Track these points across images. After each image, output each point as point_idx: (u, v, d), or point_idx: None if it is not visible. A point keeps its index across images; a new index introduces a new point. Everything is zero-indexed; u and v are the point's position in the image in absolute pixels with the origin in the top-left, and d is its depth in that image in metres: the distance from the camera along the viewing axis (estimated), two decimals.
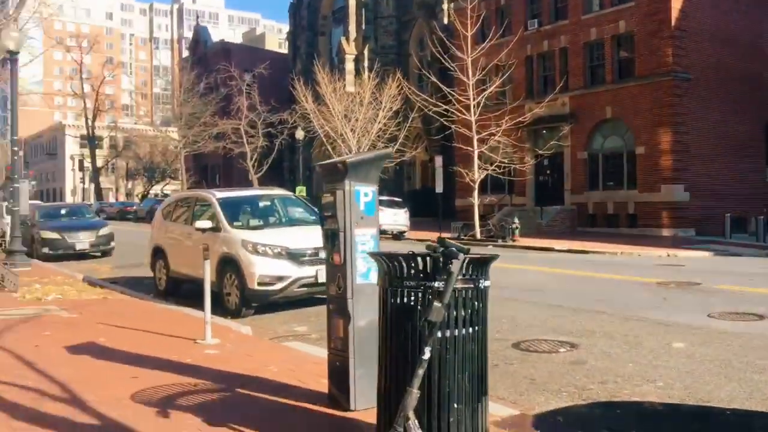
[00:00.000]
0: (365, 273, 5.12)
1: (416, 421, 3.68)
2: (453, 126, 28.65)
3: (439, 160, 29.35)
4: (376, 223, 5.23)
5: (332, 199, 5.13)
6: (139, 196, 73.30)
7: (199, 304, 10.23)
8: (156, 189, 72.87)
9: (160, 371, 6.34)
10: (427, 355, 3.70)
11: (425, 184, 45.28)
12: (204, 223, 10.57)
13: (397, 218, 28.82)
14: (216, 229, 10.50)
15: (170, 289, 11.90)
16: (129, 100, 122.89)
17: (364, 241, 5.13)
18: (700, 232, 28.10)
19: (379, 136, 34.68)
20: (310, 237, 10.29)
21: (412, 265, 3.94)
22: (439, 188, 29.30)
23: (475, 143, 27.46)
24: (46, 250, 19.15)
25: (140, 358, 6.86)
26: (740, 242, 25.67)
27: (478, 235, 27.42)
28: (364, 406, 5.07)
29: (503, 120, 27.80)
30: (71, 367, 6.51)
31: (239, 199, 11.45)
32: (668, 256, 21.48)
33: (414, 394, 3.67)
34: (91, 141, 67.72)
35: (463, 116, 27.55)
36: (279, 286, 9.65)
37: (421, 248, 4.01)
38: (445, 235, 28.29)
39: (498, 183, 32.60)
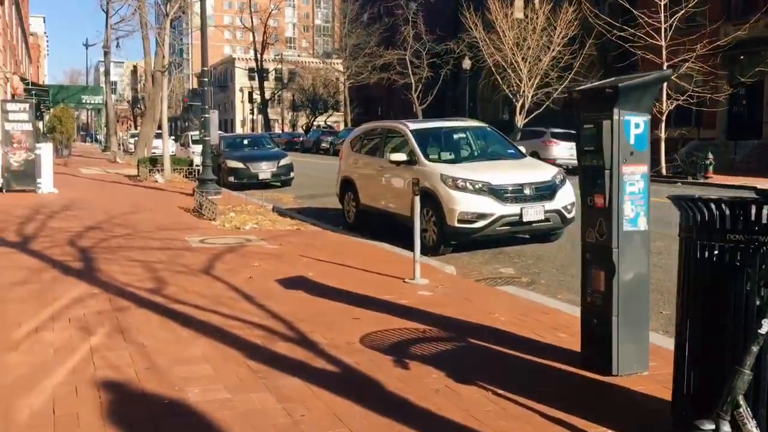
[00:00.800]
0: (633, 219, 4.37)
1: (748, 409, 2.97)
2: (639, 52, 26.31)
3: None
4: (647, 160, 4.43)
5: (595, 130, 4.38)
6: (303, 127, 75.48)
7: (391, 239, 10.00)
8: (319, 120, 74.65)
9: (379, 312, 6.01)
10: (765, 329, 2.94)
11: None
12: (398, 156, 10.16)
13: (573, 152, 27.19)
14: (411, 162, 10.06)
15: (359, 222, 11.72)
16: (292, 33, 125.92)
17: (633, 180, 4.37)
18: None
19: (552, 66, 32.85)
20: (513, 172, 9.64)
21: (740, 213, 3.15)
22: None
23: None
24: (231, 178, 19.85)
25: (353, 297, 6.59)
26: None
27: (664, 171, 25.42)
28: (627, 371, 4.40)
29: (698, 45, 25.14)
30: (289, 302, 6.35)
31: (433, 130, 10.90)
32: None
33: (746, 375, 2.94)
34: (259, 73, 70.16)
35: (652, 41, 25.19)
36: (481, 224, 9.08)
37: None
38: None
39: (683, 114, 29.86)
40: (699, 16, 26.74)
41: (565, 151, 27.69)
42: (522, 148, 11.02)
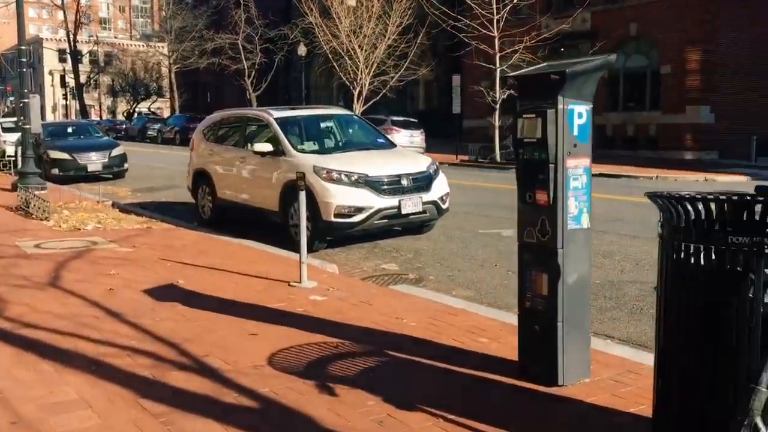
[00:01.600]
0: (577, 216, 4.06)
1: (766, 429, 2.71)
2: (473, 42, 27.04)
3: (457, 80, 27.95)
4: (590, 153, 4.13)
5: (537, 120, 4.00)
6: (124, 114, 70.85)
7: (256, 235, 9.24)
8: (142, 107, 70.43)
9: (277, 325, 5.32)
10: None
11: (429, 105, 43.79)
12: (264, 146, 9.38)
13: (413, 139, 27.66)
14: (277, 152, 9.31)
15: (216, 218, 10.78)
16: (107, 13, 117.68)
17: (576, 175, 4.05)
18: (724, 156, 27.25)
19: (389, 54, 33.00)
20: (388, 163, 9.24)
21: (744, 213, 2.87)
22: (456, 109, 28.04)
23: (498, 61, 26.05)
24: (55, 171, 17.75)
25: (240, 307, 5.84)
26: None
27: (498, 158, 26.38)
28: (572, 380, 4.10)
29: (526, 37, 26.27)
30: (167, 319, 5.46)
31: (300, 118, 10.17)
32: (705, 180, 20.68)
33: (763, 394, 2.67)
34: (73, 56, 64.60)
35: (485, 32, 25.97)
36: (359, 217, 8.57)
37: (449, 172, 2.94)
38: (462, 157, 27.18)
39: (508, 103, 31.29)
40: (529, 8, 27.96)
41: (405, 138, 27.89)
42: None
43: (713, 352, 2.96)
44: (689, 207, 2.98)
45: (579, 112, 4.04)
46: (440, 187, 9.26)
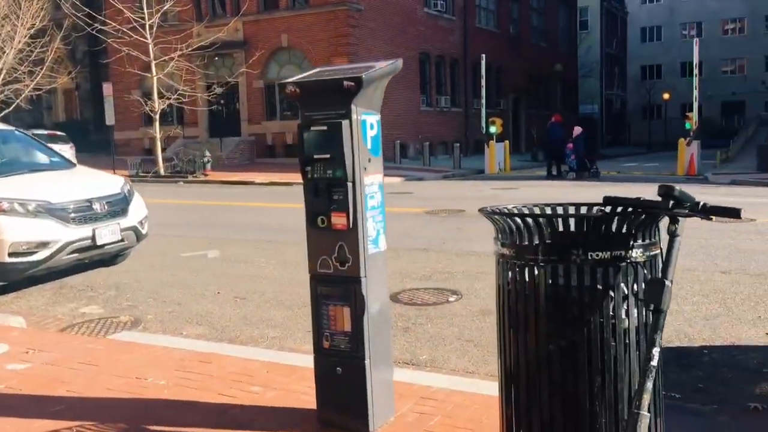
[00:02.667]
0: (375, 238, 3.63)
1: None
2: (125, 49, 25.11)
3: (108, 88, 25.69)
4: (382, 168, 3.72)
5: (330, 133, 3.47)
6: None
7: None
8: None
9: None
10: (656, 360, 2.57)
11: (71, 116, 39.86)
12: None
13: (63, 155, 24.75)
14: None
15: None
16: None
17: (372, 193, 3.62)
18: None
19: (21, 60, 29.06)
20: (73, 186, 7.84)
21: (601, 226, 2.70)
22: (110, 120, 25.75)
23: (154, 68, 24.61)
24: None
25: None
26: (411, 166, 27.79)
27: (162, 171, 24.96)
28: (381, 422, 3.67)
29: (181, 45, 25.22)
30: None
31: None
32: None
33: (646, 418, 2.53)
34: None
35: (138, 38, 24.31)
36: (42, 254, 7.03)
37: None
38: (121, 172, 25.05)
39: (163, 113, 29.94)
40: (183, 15, 26.93)
41: None
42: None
43: (574, 376, 2.76)
44: (542, 222, 2.74)
45: (371, 123, 3.60)
46: (138, 209, 8.12)
